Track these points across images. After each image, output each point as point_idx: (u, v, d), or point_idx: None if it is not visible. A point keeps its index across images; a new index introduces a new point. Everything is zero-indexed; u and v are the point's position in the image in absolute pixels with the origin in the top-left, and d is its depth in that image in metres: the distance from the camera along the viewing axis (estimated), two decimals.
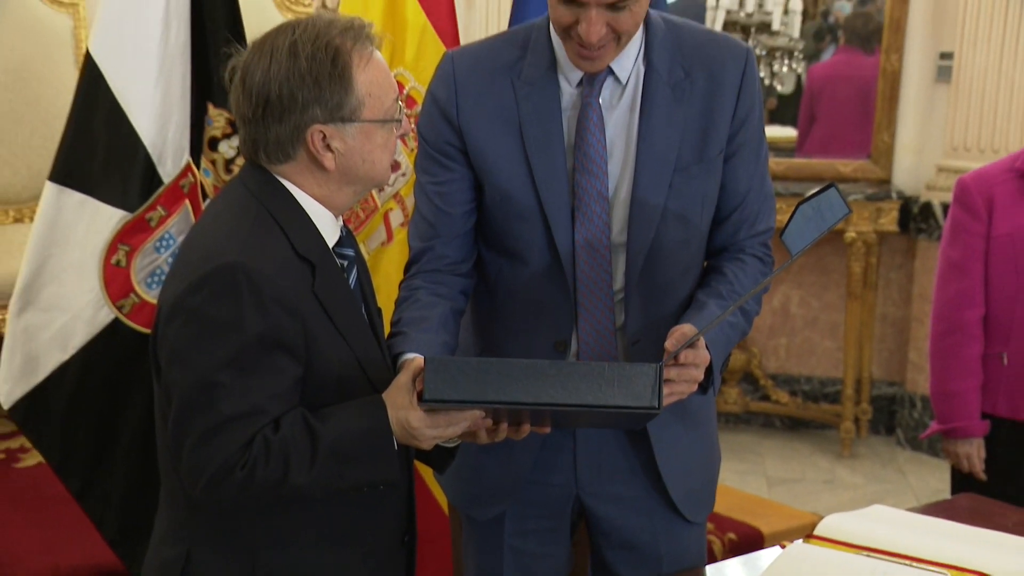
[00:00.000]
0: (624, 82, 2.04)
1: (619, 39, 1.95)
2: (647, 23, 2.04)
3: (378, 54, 1.86)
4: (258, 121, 1.81)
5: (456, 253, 2.11)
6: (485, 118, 2.05)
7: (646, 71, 2.04)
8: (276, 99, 1.79)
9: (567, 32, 1.94)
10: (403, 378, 1.79)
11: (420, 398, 1.74)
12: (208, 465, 1.72)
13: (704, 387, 1.97)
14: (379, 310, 2.03)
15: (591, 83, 2.03)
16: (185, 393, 1.75)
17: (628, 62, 2.03)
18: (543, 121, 2.04)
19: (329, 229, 1.88)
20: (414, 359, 1.83)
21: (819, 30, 5.74)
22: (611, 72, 2.02)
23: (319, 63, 1.78)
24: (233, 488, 1.73)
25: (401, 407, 1.77)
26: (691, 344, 1.87)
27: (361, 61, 1.81)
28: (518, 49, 2.08)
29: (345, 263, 1.91)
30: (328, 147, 1.81)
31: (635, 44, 2.03)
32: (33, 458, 3.55)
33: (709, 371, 1.96)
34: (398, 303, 2.08)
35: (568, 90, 2.04)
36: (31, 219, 2.69)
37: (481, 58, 2.11)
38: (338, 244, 1.90)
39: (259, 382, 1.74)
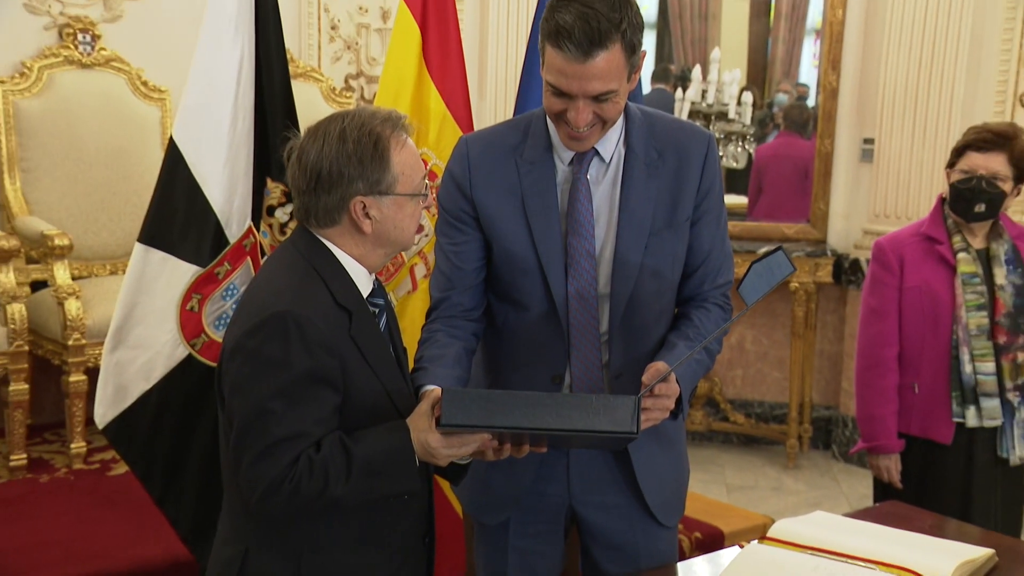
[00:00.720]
0: (608, 161, 2.02)
1: (603, 124, 1.93)
2: (627, 113, 2.03)
3: (410, 141, 1.87)
4: (311, 192, 1.82)
5: (469, 302, 2.08)
6: (493, 191, 2.04)
7: (626, 152, 2.03)
8: (327, 175, 1.79)
9: (559, 118, 1.92)
10: (424, 406, 1.78)
11: (438, 423, 1.73)
12: (262, 479, 1.71)
13: (675, 413, 1.95)
14: (404, 349, 2.01)
15: (580, 162, 2.01)
16: (243, 419, 1.74)
17: (611, 145, 2.02)
18: (541, 193, 2.02)
19: (363, 282, 1.87)
20: (433, 390, 1.82)
21: (764, 118, 5.77)
22: (597, 153, 2.01)
23: (363, 146, 1.79)
24: (283, 498, 1.72)
25: (422, 430, 1.76)
26: (664, 379, 1.85)
27: (397, 146, 1.82)
28: (520, 134, 2.06)
29: (376, 310, 1.90)
30: (367, 215, 1.81)
31: (617, 130, 2.02)
32: (122, 468, 3.52)
33: (679, 401, 1.94)
34: (420, 343, 2.06)
35: (561, 167, 2.03)
36: (123, 272, 2.67)
37: (490, 141, 2.09)
38: (371, 295, 1.89)
39: (304, 410, 1.73)
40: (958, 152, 2.87)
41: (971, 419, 2.85)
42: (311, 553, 1.82)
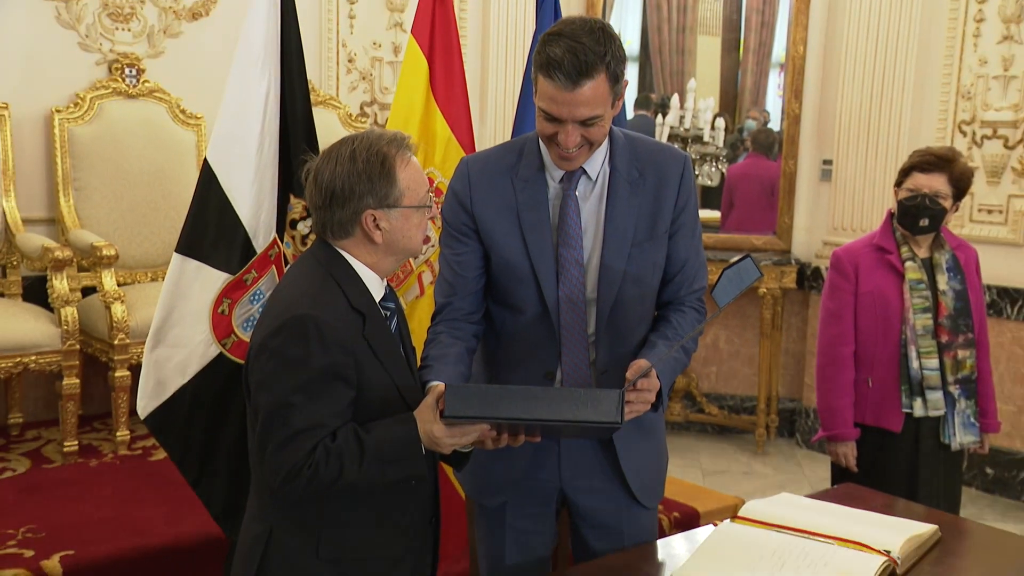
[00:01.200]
0: (594, 179, 2.01)
1: (590, 146, 1.92)
2: (612, 137, 2.02)
3: (415, 158, 1.85)
4: (326, 208, 1.81)
5: (470, 306, 2.07)
6: (491, 206, 2.03)
7: (611, 171, 2.02)
8: (340, 192, 1.78)
9: (550, 140, 1.91)
10: (429, 399, 1.76)
11: (442, 415, 1.71)
12: (284, 466, 1.70)
13: (656, 406, 1.93)
14: (413, 348, 1.99)
15: (569, 180, 2.00)
16: (267, 411, 1.72)
17: (597, 165, 2.01)
18: (534, 208, 2.01)
19: (376, 288, 1.85)
20: (437, 385, 1.80)
21: (735, 142, 5.75)
22: (584, 172, 2.00)
23: (371, 165, 1.78)
24: (302, 483, 1.70)
25: (427, 421, 1.74)
26: (645, 374, 1.83)
27: (402, 163, 1.80)
28: (516, 155, 2.05)
29: (388, 313, 1.88)
30: (378, 226, 1.80)
31: (602, 151, 2.01)
32: (161, 454, 3.50)
33: (659, 394, 1.92)
34: (426, 344, 2.04)
35: (552, 185, 2.02)
36: (163, 279, 2.65)
37: (488, 161, 2.08)
38: (383, 299, 1.87)
39: (322, 403, 1.71)
40: (904, 172, 2.87)
41: (918, 409, 2.85)
42: (329, 529, 1.80)
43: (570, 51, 1.80)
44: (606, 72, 1.83)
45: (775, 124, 5.57)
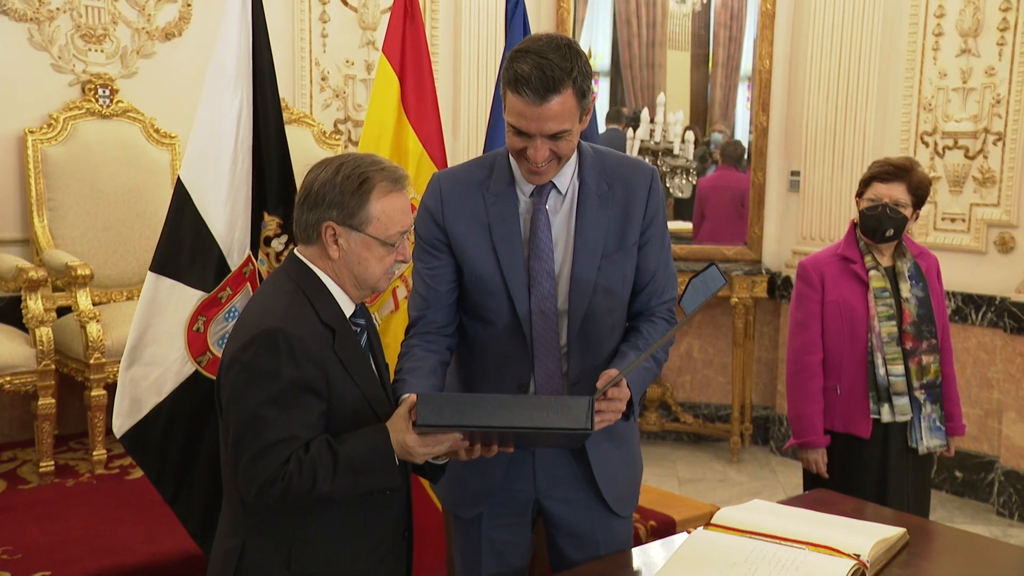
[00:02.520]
0: (564, 193, 2.02)
1: (559, 160, 1.93)
2: (580, 151, 2.03)
3: (404, 197, 1.83)
4: (300, 205, 1.83)
5: (443, 319, 2.07)
6: (463, 221, 2.03)
7: (580, 185, 2.02)
8: (312, 195, 1.80)
9: (520, 155, 1.92)
10: (401, 410, 1.76)
11: (414, 424, 1.71)
12: (257, 478, 1.70)
13: (627, 415, 1.93)
14: (386, 364, 1.99)
15: (540, 194, 2.01)
16: (239, 424, 1.72)
17: (567, 179, 2.02)
18: (506, 222, 2.01)
19: (346, 303, 1.85)
20: (410, 396, 1.79)
21: (703, 154, 5.79)
22: (554, 186, 2.01)
23: (349, 181, 1.78)
24: (276, 494, 1.70)
25: (400, 431, 1.74)
26: (616, 384, 1.84)
27: (382, 192, 1.80)
28: (486, 170, 2.06)
29: (358, 329, 1.87)
30: (336, 241, 1.80)
31: (571, 165, 2.02)
32: (138, 472, 3.48)
33: (631, 404, 1.92)
34: (400, 357, 2.04)
35: (523, 199, 2.02)
36: (139, 298, 2.64)
37: (459, 177, 2.08)
38: (353, 315, 1.87)
39: (293, 416, 1.71)
40: (864, 183, 2.91)
41: (886, 415, 2.87)
42: (301, 543, 1.80)
43: (537, 67, 1.82)
44: (573, 87, 1.85)
45: (743, 137, 5.62)
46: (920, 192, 2.86)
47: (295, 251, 1.87)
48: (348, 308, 1.85)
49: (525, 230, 2.01)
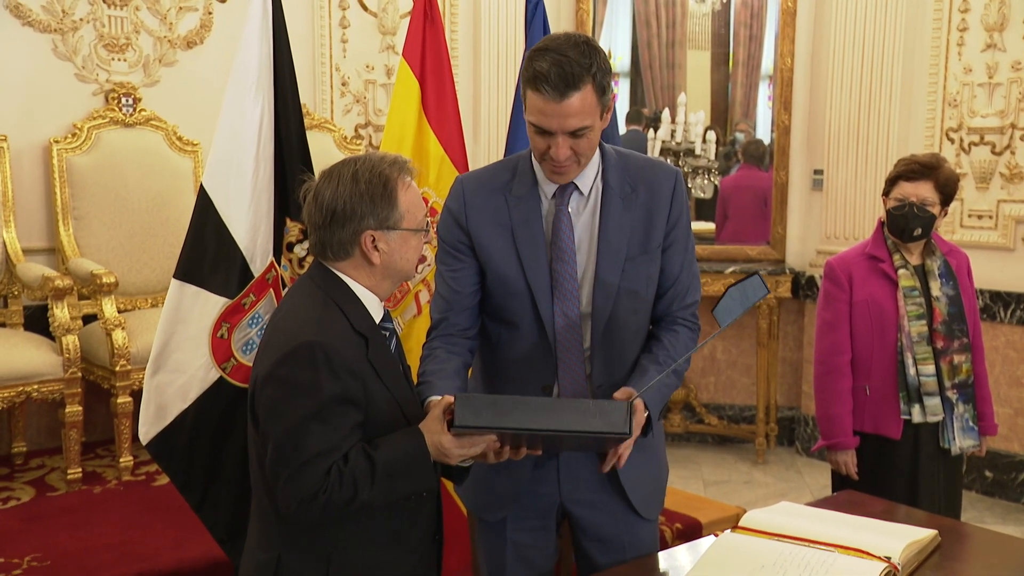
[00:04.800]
0: (587, 195, 2.02)
1: (579, 160, 1.92)
2: (603, 153, 2.02)
3: (414, 183, 1.85)
4: (326, 227, 1.80)
5: (465, 322, 2.07)
6: (486, 223, 2.03)
7: (603, 187, 2.02)
8: (341, 211, 1.78)
9: (543, 155, 1.91)
10: (436, 412, 1.77)
11: (450, 425, 1.71)
12: (300, 492, 1.69)
13: (644, 432, 1.93)
14: (408, 367, 1.99)
15: (562, 195, 2.00)
16: (279, 439, 1.71)
17: (589, 180, 2.01)
18: (529, 224, 2.01)
19: (376, 309, 1.85)
20: (443, 398, 1.79)
21: (727, 153, 5.76)
22: (576, 187, 2.00)
23: (374, 186, 1.78)
24: (318, 507, 1.69)
25: (435, 432, 1.74)
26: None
27: (403, 187, 1.81)
28: (509, 172, 2.06)
29: (387, 334, 1.87)
30: (376, 247, 1.80)
31: (594, 167, 2.01)
32: (165, 479, 3.50)
33: (648, 420, 1.93)
34: (422, 359, 2.04)
35: (545, 201, 2.02)
36: (163, 305, 2.65)
37: (482, 180, 2.08)
38: (382, 320, 1.86)
39: (333, 428, 1.70)
40: (891, 182, 2.87)
41: (916, 415, 2.84)
42: (340, 553, 1.79)
43: (556, 64, 1.82)
44: (592, 83, 1.85)
45: (764, 135, 5.58)
46: (947, 189, 2.82)
47: (319, 259, 1.86)
48: (377, 314, 1.86)
49: (548, 232, 2.01)
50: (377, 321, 1.85)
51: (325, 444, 1.69)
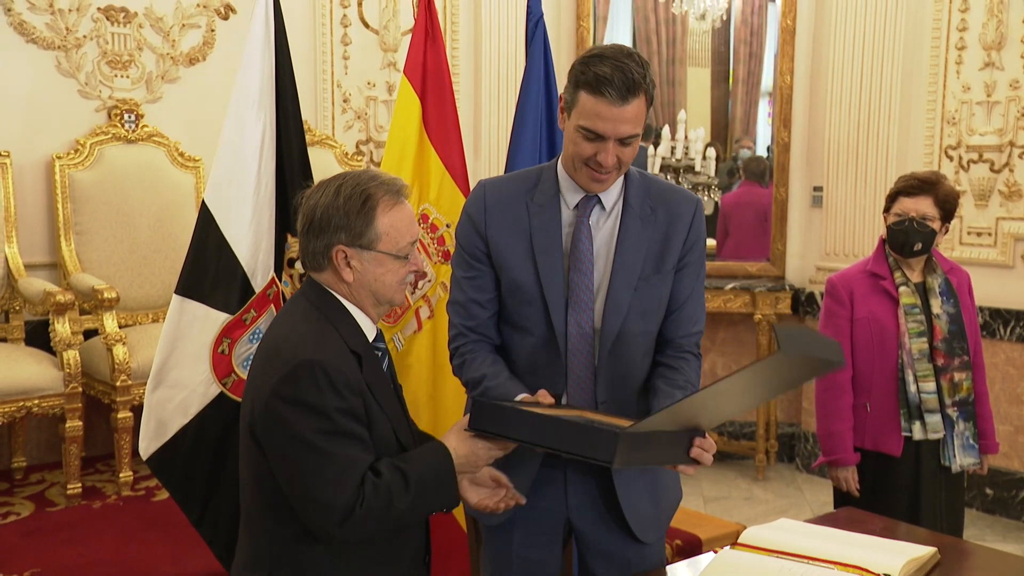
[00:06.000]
0: (608, 210, 2.02)
1: (621, 167, 1.95)
2: (627, 175, 2.04)
3: (407, 206, 1.82)
4: (304, 234, 1.81)
5: (492, 328, 2.08)
6: (505, 229, 2.03)
7: (624, 206, 2.02)
8: (317, 221, 1.77)
9: (587, 160, 1.93)
10: (461, 422, 1.84)
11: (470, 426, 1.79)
12: (336, 508, 1.67)
13: None
14: (400, 385, 1.99)
15: (583, 207, 2.01)
16: (298, 460, 1.69)
17: (612, 197, 2.03)
18: (548, 232, 2.01)
19: (367, 327, 1.84)
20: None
21: (730, 169, 5.78)
22: (599, 202, 2.01)
23: (352, 201, 1.76)
24: (358, 522, 1.68)
25: (465, 440, 1.81)
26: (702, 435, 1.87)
27: (386, 207, 1.78)
28: (533, 180, 2.07)
29: (379, 353, 1.87)
30: (348, 264, 1.78)
31: (618, 185, 2.03)
32: (164, 494, 3.50)
33: None
34: (467, 362, 2.05)
35: (567, 211, 2.02)
36: (164, 320, 2.66)
37: (504, 185, 2.09)
38: (375, 339, 1.86)
39: (348, 442, 1.70)
40: (891, 198, 2.89)
41: (917, 433, 2.84)
42: (330, 574, 1.77)
43: (618, 69, 1.85)
44: (646, 94, 1.89)
45: (764, 152, 5.60)
46: (948, 205, 2.83)
47: (312, 276, 1.85)
48: (370, 332, 1.85)
49: (567, 242, 2.01)
50: (371, 339, 1.84)
51: (345, 458, 1.68)
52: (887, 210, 2.89)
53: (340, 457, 1.67)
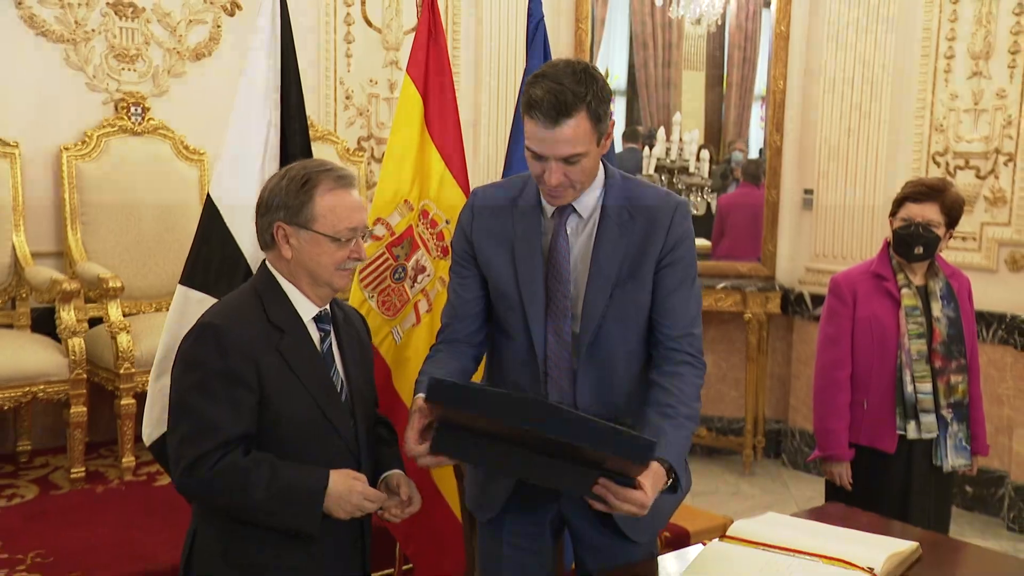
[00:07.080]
0: (587, 218, 2.01)
1: (573, 185, 1.92)
2: (608, 178, 2.02)
3: (351, 195, 1.89)
4: (256, 214, 1.92)
5: (468, 329, 2.08)
6: (490, 235, 2.04)
7: (602, 212, 2.00)
8: (264, 201, 1.90)
9: (539, 179, 1.93)
10: (355, 474, 1.90)
11: (433, 446, 1.76)
12: (182, 459, 1.77)
13: (675, 488, 1.89)
14: (369, 368, 2.07)
15: (560, 216, 2.00)
16: (171, 408, 1.82)
17: (590, 204, 2.00)
18: (528, 240, 2.01)
19: (304, 306, 1.90)
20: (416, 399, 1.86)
21: (724, 172, 5.79)
22: (575, 211, 2.00)
23: (293, 182, 1.87)
24: (196, 481, 1.77)
25: (351, 479, 1.85)
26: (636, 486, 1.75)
27: (325, 190, 1.87)
28: (520, 187, 2.07)
29: (323, 334, 1.93)
30: (287, 241, 1.87)
31: (596, 191, 2.00)
32: (166, 479, 3.51)
33: (676, 476, 1.88)
34: (425, 359, 2.07)
35: (546, 220, 2.02)
36: (167, 309, 2.66)
37: (493, 193, 2.10)
38: (320, 319, 1.92)
39: (218, 405, 1.77)
40: (898, 203, 2.89)
41: (911, 432, 2.85)
42: (236, 542, 1.84)
43: (550, 92, 1.82)
44: (587, 111, 1.84)
45: (755, 154, 5.60)
46: (953, 212, 2.84)
47: (264, 259, 1.94)
48: (308, 311, 1.91)
49: (546, 249, 2.00)
50: (308, 318, 1.90)
51: (207, 418, 1.75)
52: (893, 214, 2.89)
53: (199, 416, 1.75)
